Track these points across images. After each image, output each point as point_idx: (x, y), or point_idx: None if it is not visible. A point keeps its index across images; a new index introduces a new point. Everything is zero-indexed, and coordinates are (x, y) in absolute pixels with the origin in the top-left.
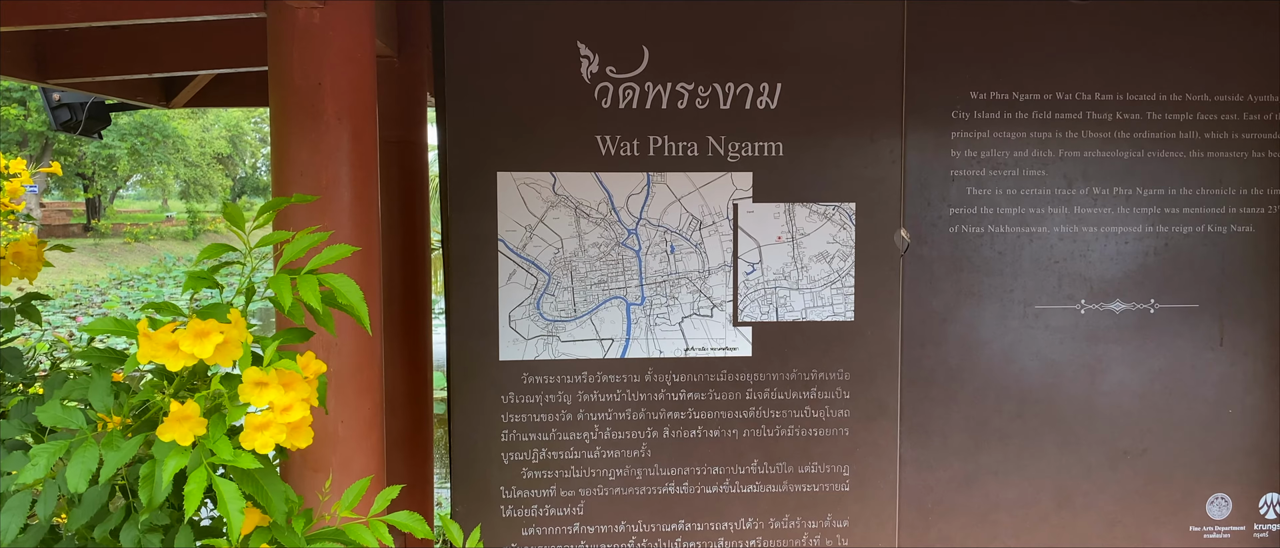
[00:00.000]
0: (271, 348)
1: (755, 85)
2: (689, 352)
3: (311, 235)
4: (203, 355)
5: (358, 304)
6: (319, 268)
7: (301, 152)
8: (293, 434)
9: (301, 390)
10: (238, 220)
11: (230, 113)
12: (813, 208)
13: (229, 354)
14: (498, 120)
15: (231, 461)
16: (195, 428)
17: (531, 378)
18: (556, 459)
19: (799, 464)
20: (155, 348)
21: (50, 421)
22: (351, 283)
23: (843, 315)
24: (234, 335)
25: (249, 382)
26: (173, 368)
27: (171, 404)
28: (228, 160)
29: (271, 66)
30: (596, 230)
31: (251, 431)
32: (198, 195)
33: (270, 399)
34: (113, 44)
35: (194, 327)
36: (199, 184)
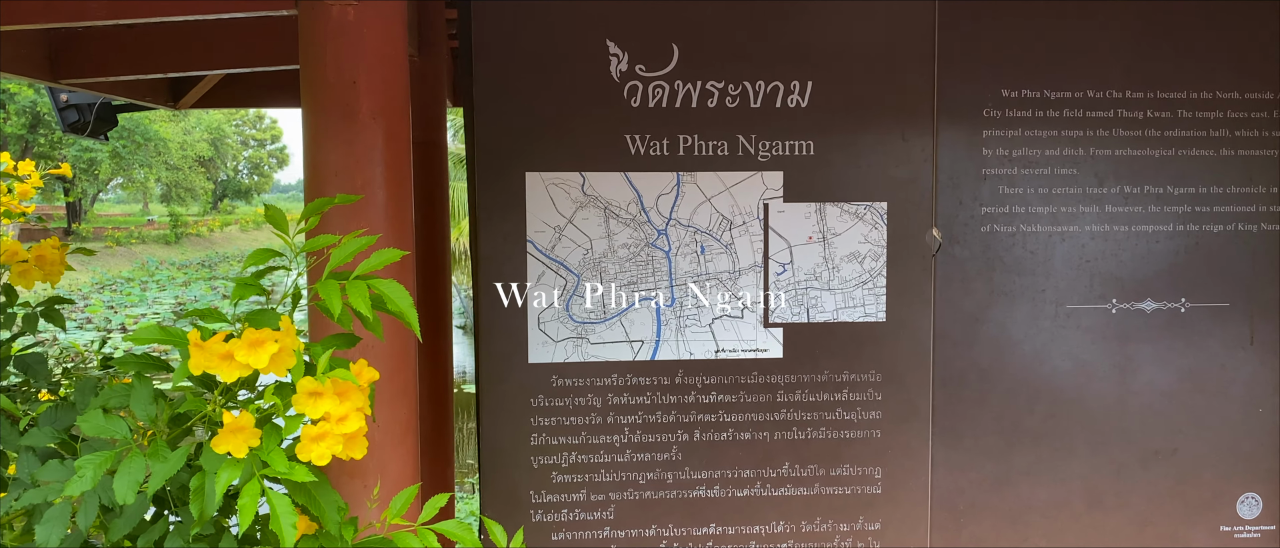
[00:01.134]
0: (325, 357)
1: (786, 83)
2: (719, 354)
3: (358, 239)
4: (258, 365)
5: (408, 311)
6: (367, 273)
7: (336, 152)
8: (348, 445)
9: (356, 400)
10: (281, 224)
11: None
12: (844, 207)
13: (282, 363)
14: (526, 120)
15: (287, 474)
16: (249, 440)
17: (561, 381)
18: (586, 463)
19: (830, 467)
20: (208, 358)
21: (92, 430)
22: (401, 289)
23: (874, 316)
24: (287, 344)
25: (304, 392)
26: (227, 379)
27: (225, 415)
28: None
29: (304, 66)
30: (626, 231)
31: (307, 442)
32: (179, 199)
33: (326, 409)
34: (125, 44)
35: (249, 336)
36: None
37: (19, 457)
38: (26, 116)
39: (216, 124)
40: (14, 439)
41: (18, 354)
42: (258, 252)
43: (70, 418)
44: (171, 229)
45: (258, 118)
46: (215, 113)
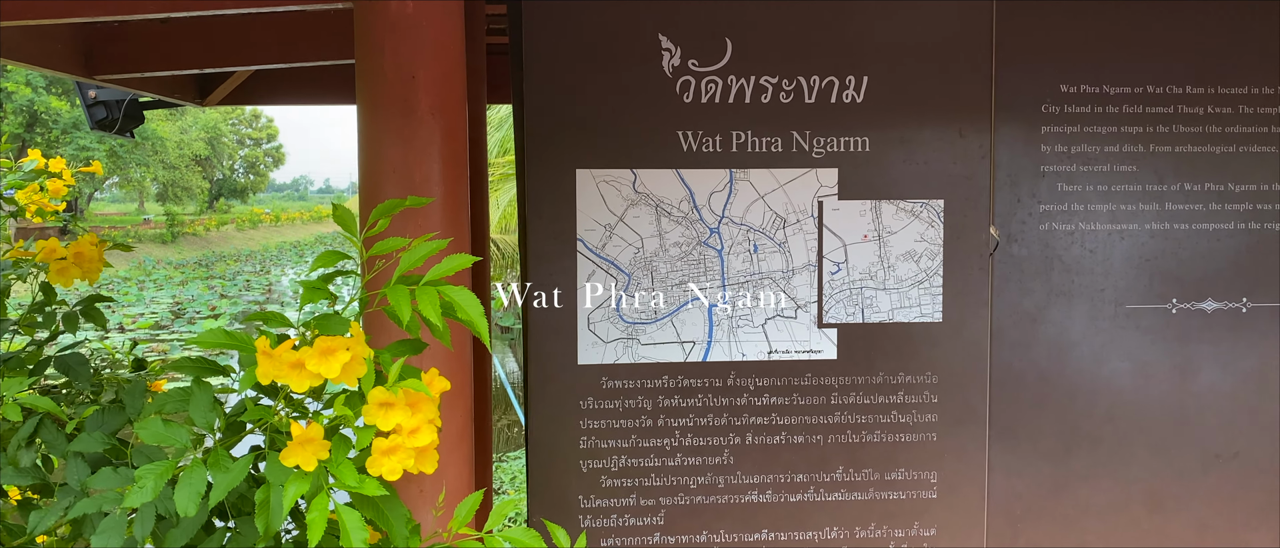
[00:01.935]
0: (397, 366)
1: (841, 78)
2: (772, 355)
3: (429, 243)
4: (330, 375)
5: (479, 320)
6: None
7: (394, 149)
8: (420, 459)
9: (428, 411)
10: (350, 225)
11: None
12: (900, 205)
13: (353, 372)
14: (577, 117)
15: (357, 488)
16: (318, 452)
17: (611, 382)
18: (636, 467)
19: (885, 471)
20: (277, 366)
21: (152, 437)
22: (472, 297)
23: (930, 317)
24: (358, 352)
25: (374, 402)
26: (298, 389)
27: (293, 426)
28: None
29: (359, 61)
30: (678, 229)
31: (378, 456)
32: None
33: (397, 421)
34: (161, 40)
35: (321, 344)
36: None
37: (68, 463)
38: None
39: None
40: (61, 444)
41: (58, 355)
42: (325, 254)
43: (118, 422)
44: (168, 228)
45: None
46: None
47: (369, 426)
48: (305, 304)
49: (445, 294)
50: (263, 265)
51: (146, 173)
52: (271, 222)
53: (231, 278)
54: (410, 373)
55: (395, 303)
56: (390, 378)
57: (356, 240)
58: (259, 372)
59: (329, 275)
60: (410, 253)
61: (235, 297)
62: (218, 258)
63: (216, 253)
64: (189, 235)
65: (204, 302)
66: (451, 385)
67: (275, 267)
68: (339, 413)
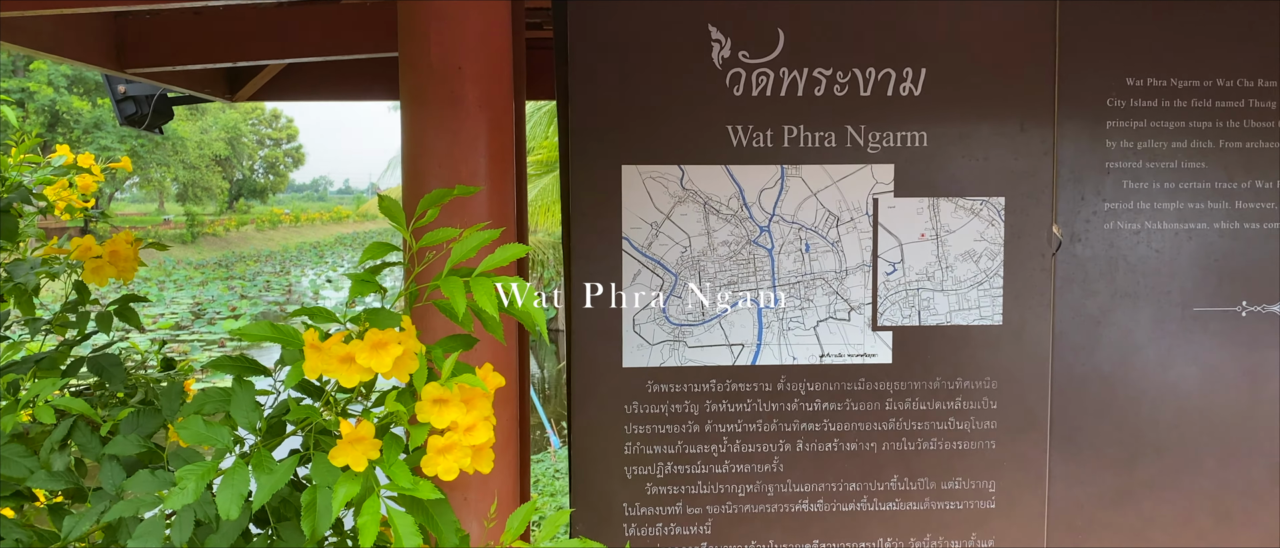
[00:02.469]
0: (451, 360)
1: (898, 71)
2: (824, 358)
3: (481, 233)
4: (381, 370)
5: (536, 313)
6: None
7: (439, 141)
8: (476, 458)
9: (483, 408)
10: (398, 216)
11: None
12: (959, 203)
13: (405, 367)
14: (623, 111)
15: (410, 490)
16: (369, 452)
17: (656, 386)
18: (683, 474)
19: (942, 480)
20: (326, 361)
21: (193, 438)
22: (527, 289)
23: (990, 319)
24: (411, 346)
25: (429, 399)
26: (347, 384)
27: (342, 424)
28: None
29: (404, 52)
30: (726, 227)
31: (433, 455)
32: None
33: (452, 418)
34: (192, 32)
35: (372, 338)
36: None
37: (103, 466)
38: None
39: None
40: (95, 447)
41: (91, 356)
42: (374, 245)
43: (154, 424)
44: (188, 228)
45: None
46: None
47: (422, 423)
48: (354, 297)
49: (501, 286)
50: (283, 266)
51: (167, 173)
52: (291, 222)
53: (251, 278)
54: (463, 368)
55: (449, 295)
56: (444, 373)
57: (405, 231)
58: (307, 366)
59: (377, 267)
60: (462, 243)
61: (255, 297)
62: (237, 258)
63: (236, 253)
64: (209, 236)
65: (224, 302)
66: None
67: (295, 267)
68: (391, 410)
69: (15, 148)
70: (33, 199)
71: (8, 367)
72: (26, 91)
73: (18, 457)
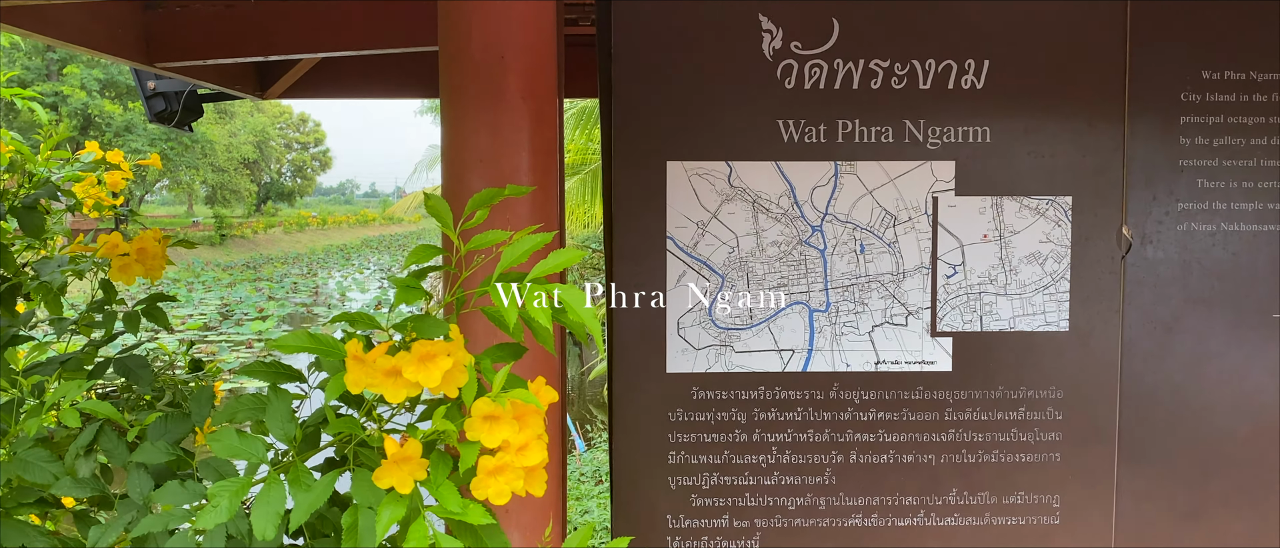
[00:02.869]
0: (503, 374)
1: (959, 62)
2: (880, 365)
3: (533, 236)
4: (429, 384)
5: (590, 322)
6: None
7: (480, 137)
8: (529, 479)
9: (536, 426)
10: (444, 217)
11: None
12: (1023, 202)
13: (454, 381)
14: (668, 104)
15: (459, 513)
16: (415, 472)
17: (702, 393)
18: (729, 485)
19: (1003, 494)
20: (370, 374)
21: (226, 451)
22: (582, 296)
23: (1055, 325)
24: (459, 357)
25: (479, 415)
26: (393, 399)
27: (387, 442)
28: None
29: (443, 41)
30: (776, 227)
31: (484, 476)
32: (224, 200)
33: (504, 437)
34: (222, 25)
35: (419, 349)
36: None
37: (129, 475)
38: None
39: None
40: (122, 453)
41: (118, 357)
42: (420, 248)
43: (183, 430)
44: (216, 230)
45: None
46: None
47: (472, 441)
48: (398, 304)
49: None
50: (310, 268)
51: (196, 176)
52: (318, 225)
53: (279, 280)
54: (515, 382)
55: (497, 303)
56: (495, 387)
57: (452, 232)
58: (349, 379)
59: (422, 272)
60: (513, 247)
61: (282, 299)
62: (265, 260)
63: (264, 255)
64: (237, 237)
65: (252, 303)
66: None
67: (322, 269)
68: (441, 427)
69: (43, 144)
70: (61, 195)
71: (33, 367)
72: (60, 95)
73: (43, 462)
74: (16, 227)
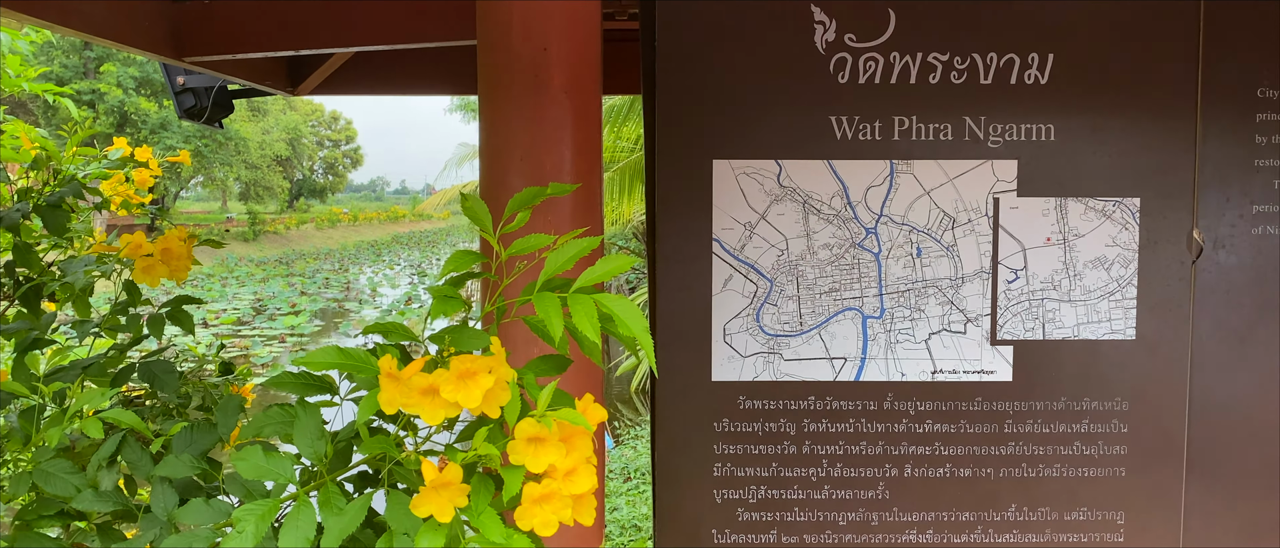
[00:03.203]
0: (548, 391)
1: (1022, 56)
2: (936, 375)
3: (579, 241)
4: (469, 405)
5: (643, 336)
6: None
7: (521, 132)
8: (578, 508)
9: (584, 448)
10: (484, 220)
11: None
12: (1089, 203)
13: (496, 400)
14: (715, 100)
15: (504, 543)
16: (455, 498)
17: (749, 402)
18: (777, 499)
19: (1064, 511)
20: (406, 393)
21: (252, 472)
22: (634, 309)
23: (1121, 333)
24: (502, 374)
25: (523, 437)
26: (431, 420)
27: (425, 465)
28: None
29: (483, 32)
30: (828, 229)
31: (529, 505)
32: (257, 197)
33: (550, 461)
34: (252, 19)
35: (458, 366)
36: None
37: (153, 489)
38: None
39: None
40: (146, 465)
41: (143, 362)
42: (458, 254)
43: (208, 442)
44: (250, 226)
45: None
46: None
47: (516, 465)
48: (436, 315)
49: (602, 304)
50: (341, 264)
51: (229, 172)
52: (349, 221)
53: (311, 275)
54: (562, 400)
55: (543, 314)
56: (540, 406)
57: (492, 237)
58: (382, 398)
59: (461, 279)
60: (558, 253)
61: (315, 294)
62: (298, 256)
63: (296, 251)
64: (270, 233)
65: (284, 299)
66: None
67: (353, 265)
68: (483, 451)
69: (69, 141)
70: (86, 193)
71: (55, 373)
72: (97, 92)
73: (64, 473)
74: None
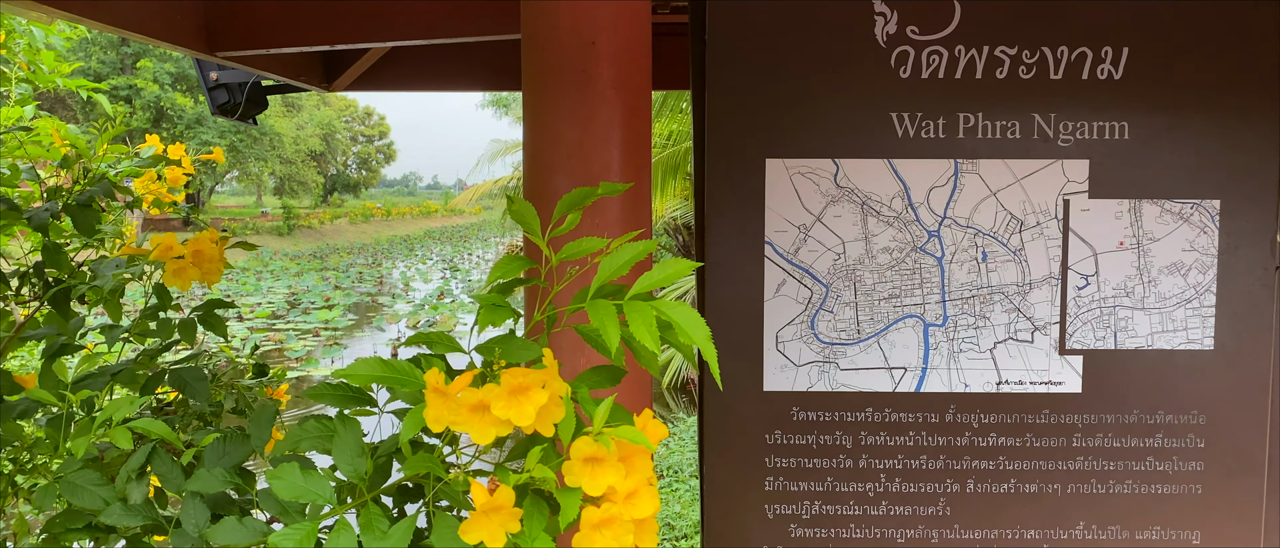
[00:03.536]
0: (605, 408)
1: (1095, 50)
2: (1001, 386)
3: (635, 245)
4: (522, 423)
5: (706, 346)
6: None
7: (568, 129)
8: (640, 533)
9: (644, 469)
10: (532, 223)
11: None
12: (1165, 206)
13: (550, 417)
14: (768, 96)
15: None
16: (508, 523)
17: (803, 414)
18: (832, 515)
19: (1137, 529)
20: (454, 410)
21: (289, 493)
22: (697, 317)
23: (1199, 343)
24: (555, 389)
25: (578, 458)
26: (481, 440)
27: (474, 488)
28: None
29: (527, 24)
30: (888, 232)
31: (589, 531)
32: (291, 191)
33: (609, 483)
34: (287, 14)
35: (510, 380)
36: (293, 180)
37: (184, 503)
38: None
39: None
40: (177, 478)
41: (174, 369)
42: (506, 259)
43: (241, 454)
44: (284, 221)
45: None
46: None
47: (572, 488)
48: (484, 325)
49: (662, 312)
50: (374, 258)
51: (264, 167)
52: (383, 216)
53: (344, 270)
54: (620, 416)
55: (598, 323)
56: (596, 423)
57: (541, 240)
58: (428, 414)
59: (509, 286)
60: (612, 258)
61: (348, 288)
62: (331, 250)
63: (330, 245)
64: (304, 228)
65: (318, 292)
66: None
67: (386, 260)
68: (538, 474)
69: (99, 138)
70: (118, 192)
71: (83, 379)
72: (133, 88)
73: (92, 485)
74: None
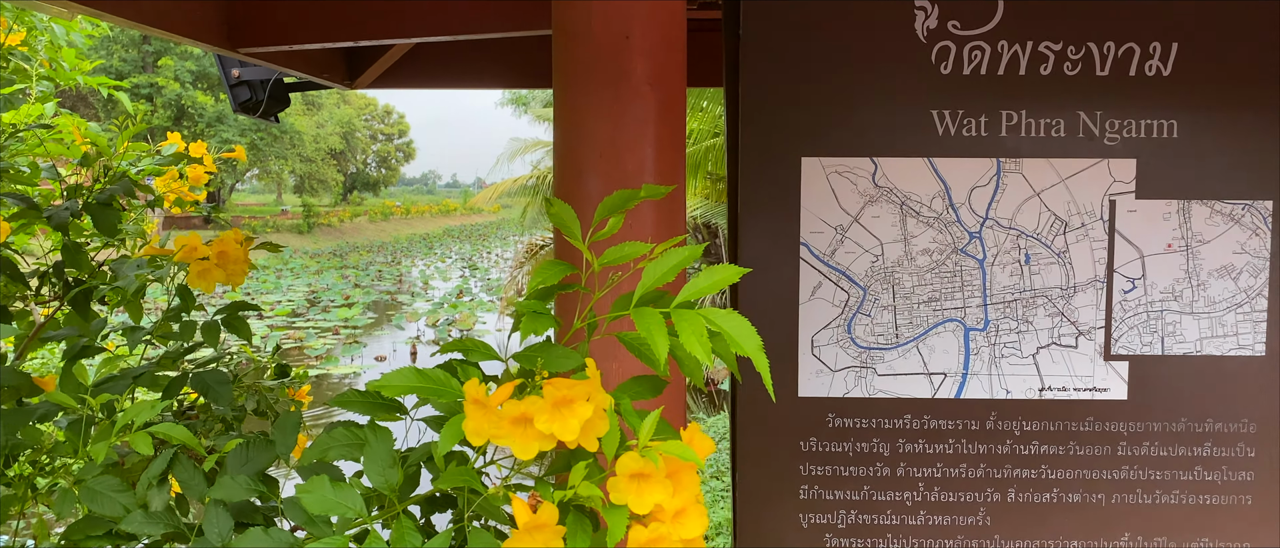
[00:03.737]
0: (651, 421)
1: (1143, 45)
2: (1044, 393)
3: (681, 250)
4: (567, 437)
5: (757, 356)
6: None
7: (601, 126)
8: None
9: (692, 486)
10: (572, 227)
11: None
12: (1215, 207)
13: (593, 431)
14: (803, 93)
15: None
16: (551, 542)
17: (839, 420)
18: (869, 525)
19: (1184, 540)
20: (494, 423)
21: (318, 506)
22: (748, 326)
23: (1250, 349)
24: (599, 401)
25: (624, 474)
26: (523, 455)
27: (516, 505)
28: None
29: (558, 18)
30: (928, 233)
31: None
32: (311, 190)
33: (656, 500)
34: (309, 9)
35: (553, 392)
36: (313, 179)
37: (207, 512)
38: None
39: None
40: (199, 486)
41: (196, 372)
42: (547, 264)
43: (266, 460)
44: (304, 219)
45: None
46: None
47: (618, 505)
48: (526, 334)
49: (712, 320)
50: (394, 256)
51: (284, 165)
52: (402, 214)
53: (364, 268)
54: (666, 431)
55: (645, 331)
56: (641, 437)
57: (582, 244)
58: (468, 427)
59: (548, 293)
60: (656, 264)
61: (368, 286)
62: (351, 248)
63: (350, 243)
64: (324, 226)
65: (338, 290)
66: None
67: (406, 258)
68: (585, 493)
69: (120, 136)
70: (139, 191)
71: (103, 382)
72: (155, 86)
73: (112, 491)
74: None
